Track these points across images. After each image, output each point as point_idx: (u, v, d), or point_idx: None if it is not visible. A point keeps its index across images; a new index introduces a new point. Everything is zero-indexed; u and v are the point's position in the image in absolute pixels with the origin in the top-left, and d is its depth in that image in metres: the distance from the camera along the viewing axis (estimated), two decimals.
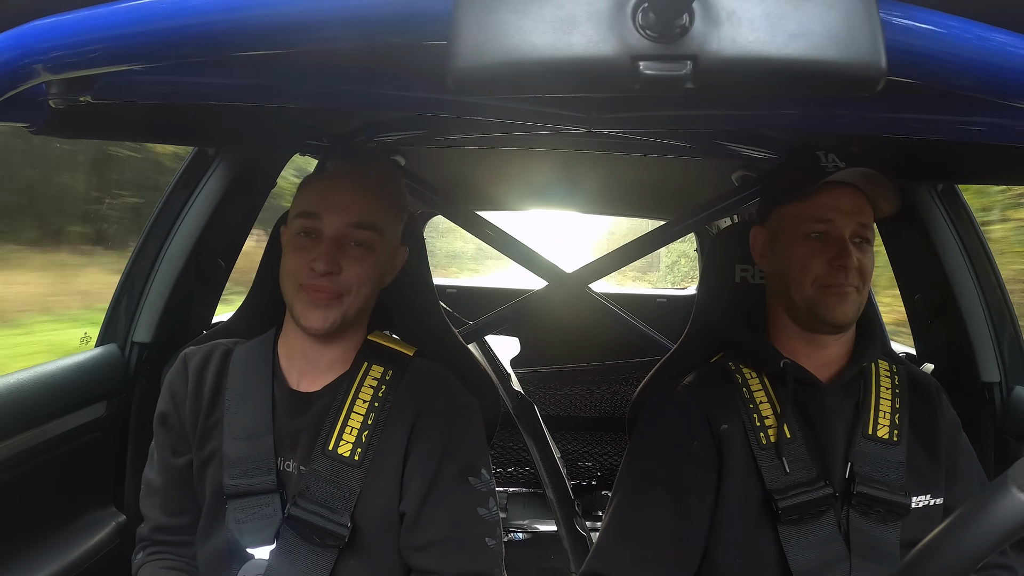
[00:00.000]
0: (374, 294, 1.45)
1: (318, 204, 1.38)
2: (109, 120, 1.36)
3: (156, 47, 0.72)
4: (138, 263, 2.09)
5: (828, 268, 1.40)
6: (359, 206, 1.38)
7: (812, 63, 0.59)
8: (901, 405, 1.48)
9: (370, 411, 1.41)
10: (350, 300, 1.38)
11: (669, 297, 4.29)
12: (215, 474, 1.42)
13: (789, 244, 1.45)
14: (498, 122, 1.43)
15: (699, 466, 1.43)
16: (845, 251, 1.40)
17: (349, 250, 1.37)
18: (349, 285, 1.37)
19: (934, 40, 0.66)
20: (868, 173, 1.40)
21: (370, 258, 1.39)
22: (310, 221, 1.37)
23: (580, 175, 2.84)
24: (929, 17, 0.66)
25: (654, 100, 1.15)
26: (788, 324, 1.49)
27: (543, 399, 3.28)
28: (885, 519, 1.40)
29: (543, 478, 2.24)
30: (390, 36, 0.68)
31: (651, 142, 1.91)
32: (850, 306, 1.41)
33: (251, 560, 1.38)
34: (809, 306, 1.42)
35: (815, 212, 1.42)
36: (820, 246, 1.42)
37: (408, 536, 1.39)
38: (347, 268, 1.36)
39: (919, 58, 0.67)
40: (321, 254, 1.34)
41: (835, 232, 1.41)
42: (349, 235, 1.37)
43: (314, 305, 1.36)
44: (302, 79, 1.12)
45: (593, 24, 0.58)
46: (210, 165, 2.09)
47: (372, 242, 1.39)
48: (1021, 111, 0.84)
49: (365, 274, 1.39)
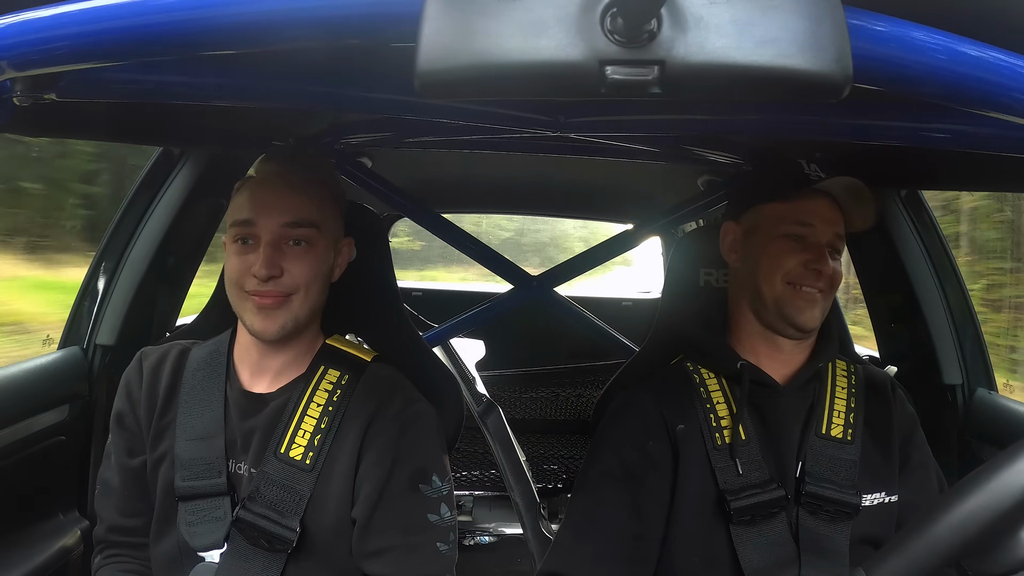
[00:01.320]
0: (324, 291, 1.43)
1: (250, 209, 1.35)
2: (75, 119, 1.34)
3: (122, 45, 0.71)
4: (101, 264, 2.06)
5: (802, 268, 1.41)
6: (291, 204, 1.36)
7: (779, 69, 0.59)
8: (856, 404, 1.50)
9: (324, 415, 1.39)
10: (299, 300, 1.36)
11: (635, 300, 4.32)
12: (167, 475, 1.41)
13: (766, 240, 1.46)
14: (465, 125, 1.42)
15: (655, 466, 1.44)
16: (822, 256, 1.41)
17: (288, 250, 1.35)
18: (295, 285, 1.35)
19: (899, 48, 0.67)
20: (854, 186, 1.41)
21: (311, 255, 1.37)
22: (245, 228, 1.35)
23: (547, 178, 2.85)
24: (895, 26, 0.67)
25: (621, 104, 1.15)
26: (751, 323, 1.50)
27: (509, 402, 3.27)
28: (835, 518, 1.41)
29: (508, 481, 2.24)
30: (357, 37, 0.68)
31: (618, 146, 1.91)
32: (817, 311, 1.43)
33: (201, 563, 1.37)
34: (777, 304, 1.43)
35: (797, 215, 1.43)
36: (797, 247, 1.43)
37: (360, 542, 1.38)
38: (289, 269, 1.34)
39: (885, 66, 0.67)
40: (260, 259, 1.32)
41: (814, 237, 1.43)
42: (286, 235, 1.35)
43: (262, 312, 1.34)
44: (269, 79, 1.11)
45: (562, 28, 0.58)
46: (175, 165, 2.07)
47: (311, 238, 1.37)
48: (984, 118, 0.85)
49: (310, 272, 1.36)
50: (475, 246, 2.47)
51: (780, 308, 1.43)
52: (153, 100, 1.14)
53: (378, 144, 2.12)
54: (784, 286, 1.42)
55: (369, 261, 1.64)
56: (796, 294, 1.42)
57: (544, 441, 3.29)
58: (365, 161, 2.37)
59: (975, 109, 0.74)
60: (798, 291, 1.42)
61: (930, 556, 0.84)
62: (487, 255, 2.47)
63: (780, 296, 1.43)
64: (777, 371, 1.48)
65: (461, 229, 2.45)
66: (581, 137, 1.72)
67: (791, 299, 1.42)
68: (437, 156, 2.40)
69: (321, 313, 1.47)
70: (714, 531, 1.41)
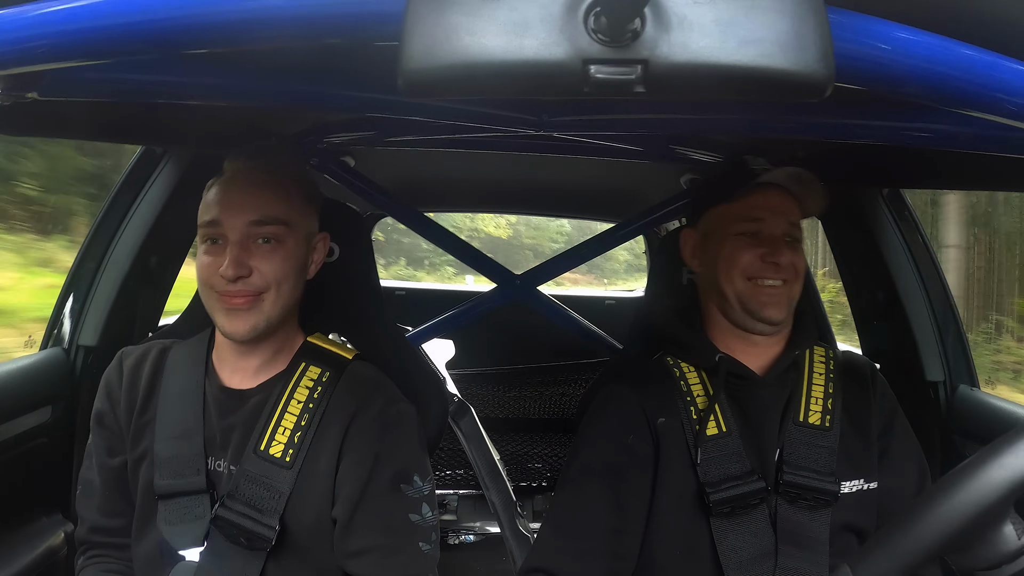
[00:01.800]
0: (297, 288, 1.41)
1: (217, 210, 1.34)
2: (56, 118, 1.33)
3: (104, 44, 0.70)
4: (83, 264, 2.05)
5: (759, 262, 1.43)
6: (257, 202, 1.34)
7: (762, 69, 0.59)
8: (834, 390, 1.51)
9: (304, 412, 1.39)
10: (271, 299, 1.34)
11: (618, 299, 4.32)
12: (146, 473, 1.40)
13: (721, 240, 1.48)
14: (448, 124, 1.42)
15: (636, 460, 1.44)
16: (777, 248, 1.43)
17: (257, 249, 1.33)
18: (265, 284, 1.33)
19: (882, 48, 0.68)
20: (796, 173, 1.44)
21: (280, 252, 1.35)
22: (212, 228, 1.34)
23: (530, 177, 2.85)
24: (877, 26, 0.67)
25: (605, 104, 1.16)
26: (723, 323, 1.52)
27: (492, 401, 3.28)
28: (814, 507, 1.42)
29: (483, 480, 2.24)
30: (341, 36, 0.68)
31: (601, 145, 1.92)
32: (782, 303, 1.45)
33: (182, 562, 1.36)
34: (741, 300, 1.45)
35: (746, 212, 1.46)
36: (752, 242, 1.45)
37: (341, 543, 1.38)
38: (258, 267, 1.32)
39: (867, 65, 0.68)
40: (227, 260, 1.30)
41: (767, 231, 1.45)
42: (253, 233, 1.33)
43: (233, 313, 1.33)
44: (252, 78, 1.11)
45: (545, 27, 0.58)
46: (157, 164, 2.05)
47: (279, 236, 1.35)
48: (966, 118, 0.86)
49: (280, 270, 1.34)
50: (458, 245, 2.47)
51: (744, 305, 1.45)
52: (135, 99, 1.14)
53: (361, 143, 2.11)
54: (745, 282, 1.45)
55: (352, 260, 1.64)
56: (758, 289, 1.44)
57: (528, 440, 3.29)
58: (348, 160, 2.36)
59: (957, 109, 0.74)
60: (759, 286, 1.44)
61: (914, 551, 0.84)
62: (470, 254, 2.47)
63: (742, 293, 1.45)
64: (755, 363, 1.50)
65: (444, 228, 2.45)
66: (564, 136, 1.72)
67: (753, 294, 1.44)
68: (420, 155, 2.40)
69: (297, 310, 1.46)
70: (694, 524, 1.42)
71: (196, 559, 1.36)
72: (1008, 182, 1.56)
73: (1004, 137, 1.04)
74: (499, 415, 3.22)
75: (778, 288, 1.44)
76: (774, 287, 1.44)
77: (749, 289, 1.44)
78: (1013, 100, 0.71)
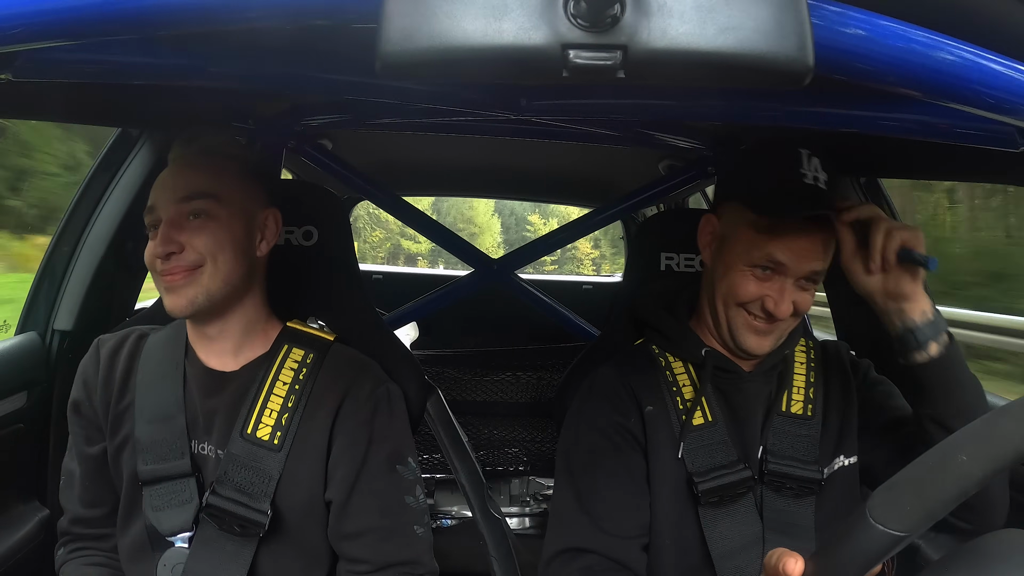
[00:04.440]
0: (240, 263, 1.37)
1: (154, 196, 1.36)
2: (31, 100, 1.32)
3: (79, 24, 0.69)
4: (58, 248, 2.03)
5: (760, 303, 1.37)
6: (184, 181, 1.35)
7: (741, 56, 0.60)
8: (816, 379, 1.51)
9: (290, 393, 1.38)
10: (208, 272, 1.32)
11: (595, 284, 4.33)
12: (129, 461, 1.39)
13: (730, 259, 1.39)
14: (426, 107, 1.42)
15: (636, 441, 1.45)
16: (784, 297, 1.35)
17: (187, 225, 1.32)
18: (199, 257, 1.31)
19: (862, 38, 0.68)
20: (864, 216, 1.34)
21: (211, 225, 1.33)
22: (150, 215, 1.35)
23: (508, 161, 2.86)
24: (857, 15, 0.68)
25: (583, 88, 1.15)
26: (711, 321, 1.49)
27: (469, 385, 3.28)
28: (799, 495, 1.43)
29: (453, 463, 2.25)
30: (318, 17, 0.67)
31: (580, 130, 1.92)
32: (769, 340, 1.40)
33: (171, 548, 1.36)
34: (729, 327, 1.41)
35: (768, 251, 1.35)
36: (761, 277, 1.36)
37: (336, 524, 1.38)
38: (189, 242, 1.31)
39: (846, 55, 0.68)
40: (158, 239, 1.31)
41: (780, 273, 1.36)
42: (182, 211, 1.33)
43: (171, 289, 1.32)
44: (229, 59, 1.09)
45: (524, 11, 0.58)
46: (133, 146, 2.03)
47: (209, 209, 1.33)
48: (944, 108, 0.86)
49: (212, 242, 1.32)
50: (435, 228, 2.47)
51: (731, 331, 1.41)
52: (110, 80, 1.12)
53: (338, 126, 2.11)
54: (737, 310, 1.39)
55: (329, 243, 1.63)
56: (747, 322, 1.39)
57: (505, 424, 3.30)
58: (326, 143, 2.35)
59: (936, 100, 0.75)
60: (752, 318, 1.39)
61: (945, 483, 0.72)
62: (447, 238, 2.47)
63: (732, 319, 1.40)
64: (741, 358, 1.48)
65: (421, 211, 2.45)
66: (543, 121, 1.72)
67: (742, 325, 1.40)
68: (398, 139, 2.40)
69: (259, 289, 1.45)
70: (683, 514, 1.42)
71: (185, 545, 1.35)
72: (985, 173, 1.57)
73: (982, 128, 1.04)
74: (475, 398, 3.22)
75: (770, 328, 1.39)
76: (765, 326, 1.39)
77: (739, 318, 1.39)
78: (992, 93, 0.72)
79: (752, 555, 1.40)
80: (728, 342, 1.44)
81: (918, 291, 1.31)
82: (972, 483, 0.70)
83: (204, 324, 1.39)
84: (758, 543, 1.41)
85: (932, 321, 1.31)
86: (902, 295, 1.31)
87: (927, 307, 1.32)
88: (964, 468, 0.71)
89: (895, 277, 1.31)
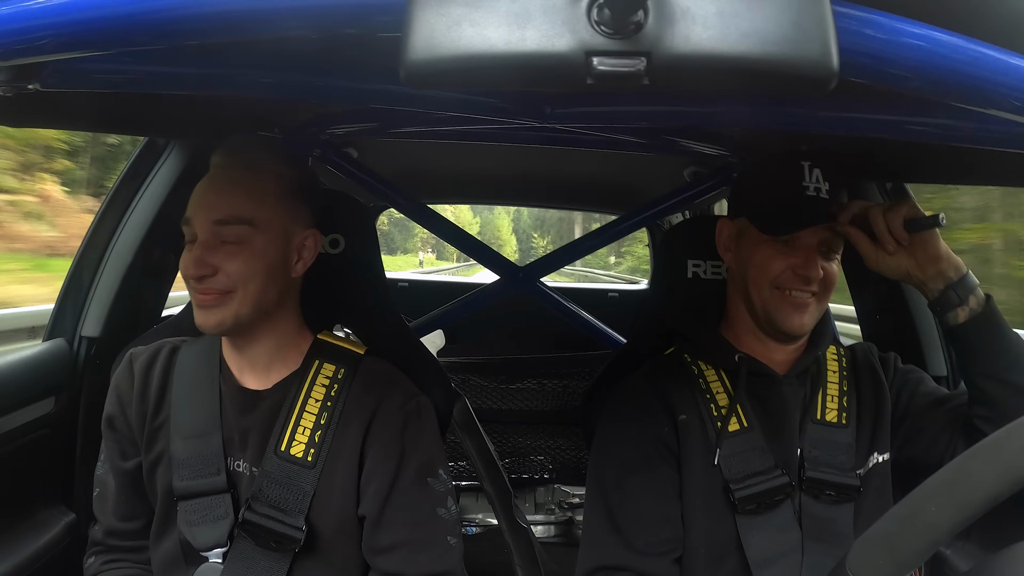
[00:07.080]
0: (274, 285, 1.36)
1: (191, 208, 1.33)
2: (58, 109, 1.33)
3: (106, 35, 0.70)
4: (86, 255, 2.05)
5: (790, 273, 1.39)
6: (224, 201, 1.32)
7: (764, 62, 0.59)
8: (848, 387, 1.50)
9: (323, 410, 1.38)
10: (239, 298, 1.31)
11: (621, 292, 4.32)
12: (164, 476, 1.39)
13: (754, 244, 1.43)
14: (451, 115, 1.42)
15: (670, 453, 1.44)
16: (811, 260, 1.39)
17: (223, 248, 1.31)
18: (231, 284, 1.30)
19: (886, 42, 0.67)
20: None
21: (244, 253, 1.31)
22: (187, 226, 1.33)
23: (533, 169, 2.86)
24: (881, 19, 0.67)
25: (607, 96, 1.15)
26: (747, 320, 1.49)
27: (495, 393, 3.28)
28: (837, 501, 1.42)
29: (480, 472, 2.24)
30: (344, 27, 0.68)
31: (604, 137, 1.91)
32: (807, 316, 1.41)
33: (205, 563, 1.36)
34: (765, 310, 1.42)
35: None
36: (784, 250, 1.40)
37: (370, 538, 1.38)
38: (223, 267, 1.30)
39: (871, 60, 0.68)
40: (191, 259, 1.30)
41: (801, 241, 1.40)
42: (217, 233, 1.31)
43: (201, 308, 1.31)
44: (254, 69, 1.11)
45: (547, 19, 0.58)
46: (160, 155, 2.05)
47: (243, 236, 1.31)
48: (969, 112, 0.86)
49: (245, 270, 1.31)
50: (461, 236, 2.47)
51: (768, 314, 1.42)
52: (137, 90, 1.13)
53: (363, 134, 2.11)
54: (772, 291, 1.41)
55: (357, 252, 1.63)
56: (784, 299, 1.40)
57: (530, 432, 3.30)
58: (351, 151, 2.36)
59: (961, 104, 0.74)
60: (787, 296, 1.40)
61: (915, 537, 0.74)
62: (474, 246, 2.47)
63: (768, 301, 1.42)
64: (775, 361, 1.48)
65: (447, 220, 2.45)
66: (568, 128, 1.72)
67: (779, 304, 1.41)
68: (423, 147, 2.40)
69: (295, 304, 1.45)
70: (719, 522, 1.41)
71: (219, 560, 1.35)
72: (1012, 177, 1.55)
73: (1008, 132, 1.03)
74: (500, 406, 3.22)
75: (806, 300, 1.40)
76: (802, 299, 1.40)
77: (776, 298, 1.41)
78: (1017, 95, 0.71)
79: (791, 563, 1.39)
80: (768, 328, 1.44)
81: (943, 249, 1.37)
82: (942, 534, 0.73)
83: (235, 339, 1.40)
84: (797, 551, 1.39)
85: (966, 275, 1.37)
86: (930, 259, 1.37)
87: (958, 261, 1.38)
88: (932, 518, 0.73)
89: (916, 248, 1.38)
